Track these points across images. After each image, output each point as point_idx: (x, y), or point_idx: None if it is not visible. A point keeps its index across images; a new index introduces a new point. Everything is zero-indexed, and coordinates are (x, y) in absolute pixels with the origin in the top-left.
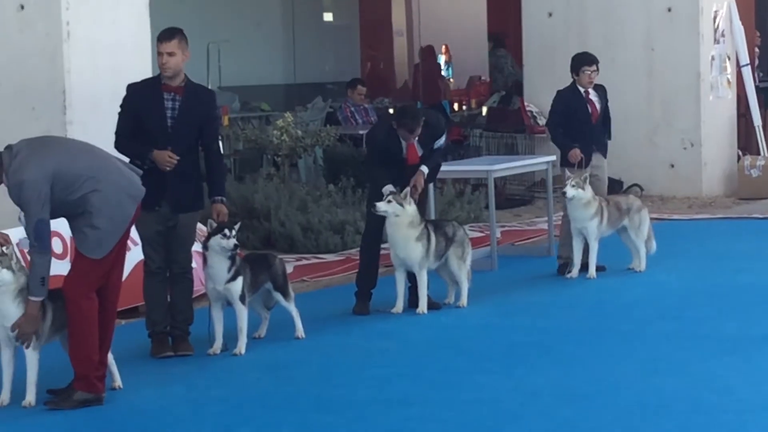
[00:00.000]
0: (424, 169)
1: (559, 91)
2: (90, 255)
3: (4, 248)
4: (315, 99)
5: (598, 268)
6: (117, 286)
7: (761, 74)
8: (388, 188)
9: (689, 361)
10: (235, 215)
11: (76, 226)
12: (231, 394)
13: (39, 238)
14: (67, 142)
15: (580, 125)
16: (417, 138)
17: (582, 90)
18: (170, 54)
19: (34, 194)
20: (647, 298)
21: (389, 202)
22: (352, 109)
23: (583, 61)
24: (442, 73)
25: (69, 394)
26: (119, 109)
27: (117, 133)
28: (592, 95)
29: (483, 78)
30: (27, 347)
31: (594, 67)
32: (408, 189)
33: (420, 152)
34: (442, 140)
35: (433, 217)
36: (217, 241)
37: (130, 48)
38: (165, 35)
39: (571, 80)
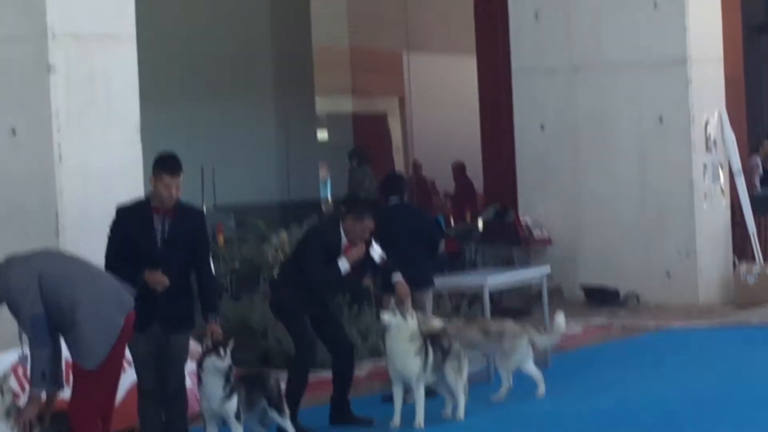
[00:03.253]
0: (398, 276)
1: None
2: (83, 364)
3: None
4: (311, 216)
5: None
6: (111, 406)
7: None
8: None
9: None
10: (232, 334)
11: (69, 341)
12: None
13: (34, 332)
14: (57, 252)
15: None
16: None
17: None
18: (177, 187)
19: (21, 292)
20: (647, 409)
21: (393, 314)
22: None
23: None
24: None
25: None
26: (109, 232)
27: (107, 256)
28: None
29: (479, 193)
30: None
31: None
32: (409, 302)
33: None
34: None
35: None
36: (211, 360)
37: (121, 171)
38: (175, 168)
39: None
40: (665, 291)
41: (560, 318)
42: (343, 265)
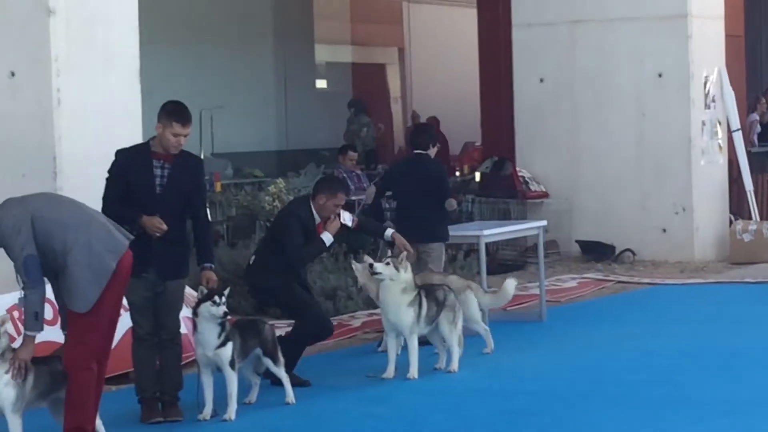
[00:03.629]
0: (389, 231)
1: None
2: (76, 309)
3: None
4: (308, 165)
5: None
6: (107, 351)
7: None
8: (367, 260)
9: (680, 425)
10: (227, 281)
11: (62, 285)
12: None
13: (28, 273)
14: (53, 195)
15: None
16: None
17: None
18: (186, 136)
19: (14, 232)
20: (639, 363)
21: (387, 264)
22: (344, 175)
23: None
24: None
25: None
26: (107, 175)
27: (105, 199)
28: None
29: (477, 144)
30: (14, 377)
31: None
32: (404, 254)
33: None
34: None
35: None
36: (206, 308)
37: (120, 114)
38: (185, 117)
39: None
40: (661, 247)
41: (510, 283)
42: (327, 238)
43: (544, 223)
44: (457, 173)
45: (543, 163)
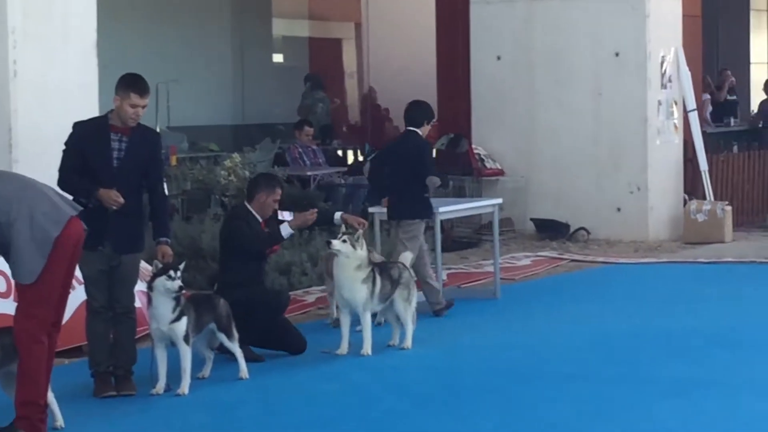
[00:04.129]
0: (338, 214)
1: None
2: (21, 280)
3: None
4: (264, 140)
5: None
6: (58, 324)
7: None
8: (339, 215)
9: (632, 404)
10: (182, 255)
11: (9, 261)
12: None
13: None
14: None
15: None
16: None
17: None
18: (143, 107)
19: None
20: (593, 342)
21: (344, 241)
22: (300, 150)
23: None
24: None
25: None
26: (64, 147)
27: (61, 170)
28: None
29: (433, 121)
30: None
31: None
32: (360, 232)
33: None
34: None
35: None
36: (161, 282)
37: (77, 87)
38: (143, 88)
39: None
40: (615, 226)
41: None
42: (285, 230)
43: (499, 200)
44: None
45: (499, 141)
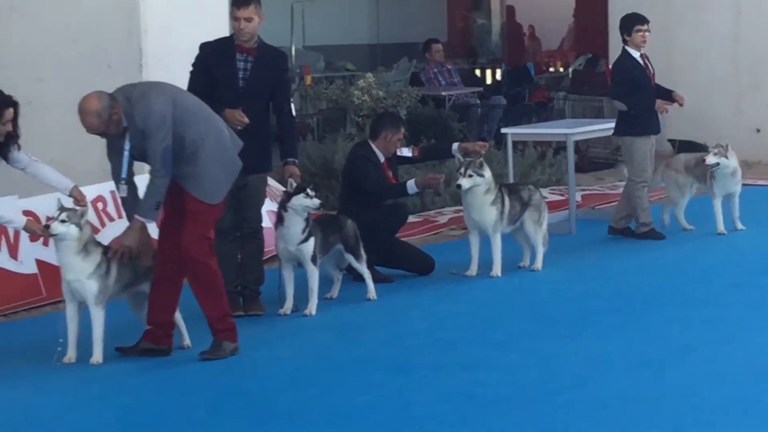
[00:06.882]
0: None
1: (616, 62)
2: (208, 200)
3: (78, 206)
4: (401, 59)
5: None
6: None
7: None
8: (456, 146)
9: (764, 328)
10: (315, 175)
11: (189, 173)
12: (300, 354)
13: (164, 162)
14: (173, 85)
15: (645, 91)
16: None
17: (637, 54)
18: (247, 19)
19: (161, 121)
20: (726, 264)
21: (470, 176)
22: (435, 70)
23: (635, 20)
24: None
25: (218, 346)
26: (191, 68)
27: (189, 91)
28: (645, 58)
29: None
30: (120, 259)
31: (646, 27)
32: (480, 159)
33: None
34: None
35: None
36: (300, 200)
37: (206, 7)
38: (242, 1)
39: (622, 44)
40: (754, 147)
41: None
42: (411, 187)
43: None
44: (551, 69)
45: None
